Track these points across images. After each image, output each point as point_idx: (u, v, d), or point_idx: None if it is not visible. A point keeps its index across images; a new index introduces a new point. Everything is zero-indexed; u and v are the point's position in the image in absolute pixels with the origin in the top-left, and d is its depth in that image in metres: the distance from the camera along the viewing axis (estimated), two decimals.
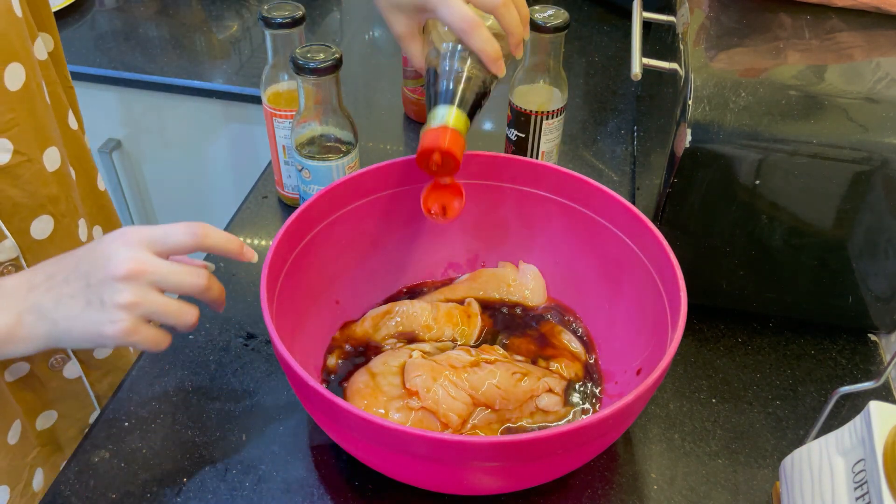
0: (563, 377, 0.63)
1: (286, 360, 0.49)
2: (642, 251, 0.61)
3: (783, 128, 0.59)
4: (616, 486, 0.59)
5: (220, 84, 1.14)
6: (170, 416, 0.63)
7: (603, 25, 1.22)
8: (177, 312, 0.51)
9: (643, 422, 0.64)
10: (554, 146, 0.81)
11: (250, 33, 1.26)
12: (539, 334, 0.67)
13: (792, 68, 0.64)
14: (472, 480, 0.52)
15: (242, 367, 0.67)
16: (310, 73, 0.67)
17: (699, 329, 0.72)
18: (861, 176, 0.59)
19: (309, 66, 0.67)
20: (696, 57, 0.64)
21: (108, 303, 0.49)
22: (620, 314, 0.65)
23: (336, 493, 0.58)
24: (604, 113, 1.02)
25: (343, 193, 0.64)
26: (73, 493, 0.57)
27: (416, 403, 0.57)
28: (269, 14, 0.72)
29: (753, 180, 0.61)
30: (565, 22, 0.72)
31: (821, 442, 0.51)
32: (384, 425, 0.46)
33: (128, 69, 1.16)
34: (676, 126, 0.61)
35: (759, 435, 0.63)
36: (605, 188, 0.63)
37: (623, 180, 0.90)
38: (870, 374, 0.69)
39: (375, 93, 1.06)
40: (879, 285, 0.66)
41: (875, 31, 0.68)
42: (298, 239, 0.61)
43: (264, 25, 0.72)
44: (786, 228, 0.63)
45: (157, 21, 1.29)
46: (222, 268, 0.77)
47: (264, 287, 0.54)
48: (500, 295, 0.71)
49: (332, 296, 0.67)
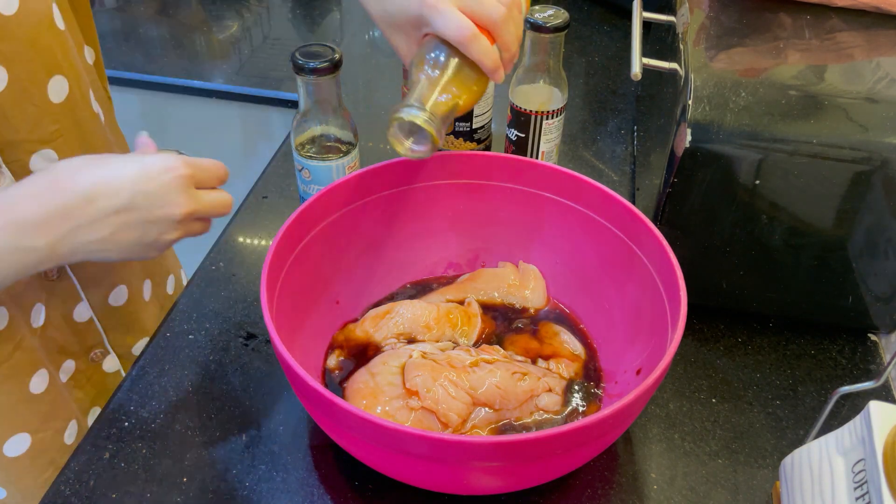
0: (563, 377, 0.63)
1: (286, 360, 0.49)
2: (642, 251, 0.61)
3: (783, 128, 0.59)
4: (616, 486, 0.59)
5: (220, 84, 1.14)
6: (170, 415, 0.63)
7: (603, 25, 1.22)
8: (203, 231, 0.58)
9: (643, 422, 0.64)
10: (554, 146, 0.81)
11: (250, 33, 1.26)
12: (539, 334, 0.67)
13: (792, 68, 0.64)
14: (472, 480, 0.52)
15: (242, 367, 0.67)
16: (310, 73, 0.67)
17: (699, 329, 0.72)
18: (861, 176, 0.59)
19: (309, 66, 0.67)
20: (696, 57, 0.64)
21: (162, 240, 0.55)
22: (620, 314, 0.65)
23: (336, 493, 0.58)
24: (604, 113, 1.02)
25: (343, 193, 0.64)
26: (73, 493, 0.57)
27: (416, 403, 0.57)
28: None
29: (753, 180, 0.61)
30: (565, 22, 0.72)
31: (821, 442, 0.51)
32: (384, 425, 0.46)
33: (128, 69, 1.16)
34: (676, 126, 0.61)
35: (759, 435, 0.63)
36: (605, 188, 0.63)
37: (623, 180, 0.90)
38: (870, 374, 0.69)
39: (375, 93, 1.06)
40: (879, 285, 0.66)
41: (875, 31, 0.68)
42: (298, 239, 0.61)
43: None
44: (786, 228, 0.63)
45: (157, 21, 1.29)
46: (222, 268, 0.77)
47: (264, 287, 0.54)
48: (500, 295, 0.71)
49: (332, 296, 0.67)
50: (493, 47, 0.57)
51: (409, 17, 0.59)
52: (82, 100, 0.64)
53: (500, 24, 0.57)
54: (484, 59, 0.57)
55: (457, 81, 0.58)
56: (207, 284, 0.76)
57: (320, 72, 0.67)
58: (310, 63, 0.67)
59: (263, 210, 0.85)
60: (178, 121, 1.22)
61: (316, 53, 0.68)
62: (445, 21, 0.56)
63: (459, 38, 0.56)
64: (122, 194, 0.52)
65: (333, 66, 0.68)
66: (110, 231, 0.52)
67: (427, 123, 0.55)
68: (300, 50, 0.68)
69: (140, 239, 0.54)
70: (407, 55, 0.62)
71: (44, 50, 0.58)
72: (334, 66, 0.68)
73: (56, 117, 0.61)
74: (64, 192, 0.51)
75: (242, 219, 0.84)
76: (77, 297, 0.69)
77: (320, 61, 0.67)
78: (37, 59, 0.58)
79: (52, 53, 0.59)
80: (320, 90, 0.70)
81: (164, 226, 0.54)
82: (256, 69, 1.16)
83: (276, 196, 0.87)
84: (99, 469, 0.59)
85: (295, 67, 0.68)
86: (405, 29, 0.60)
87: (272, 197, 0.87)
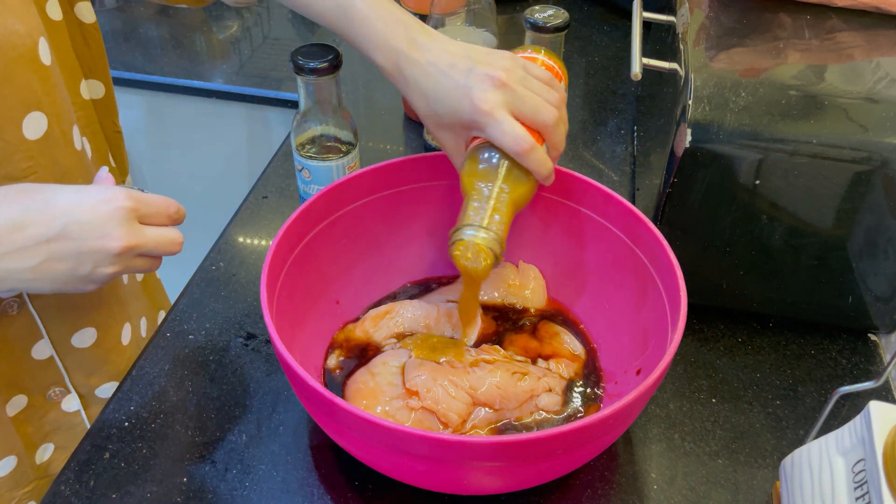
0: (563, 377, 0.63)
1: (286, 360, 0.49)
2: (642, 251, 0.61)
3: (783, 128, 0.59)
4: (616, 486, 0.59)
5: (220, 84, 1.14)
6: (170, 415, 0.63)
7: (603, 25, 1.22)
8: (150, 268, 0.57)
9: (643, 422, 0.64)
10: None
11: (250, 33, 1.26)
12: (539, 334, 0.67)
13: (792, 68, 0.64)
14: (472, 480, 0.52)
15: (242, 367, 0.67)
16: (310, 73, 0.67)
17: (699, 329, 0.72)
18: (861, 176, 0.59)
19: (309, 67, 0.67)
20: (696, 57, 0.64)
21: (97, 273, 0.53)
22: (620, 314, 0.65)
23: (336, 493, 0.58)
24: (604, 113, 1.02)
25: (343, 193, 0.64)
26: (73, 493, 0.57)
27: (416, 403, 0.57)
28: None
29: (753, 180, 0.61)
30: (565, 22, 0.72)
31: (821, 442, 0.51)
32: (384, 425, 0.46)
33: (128, 69, 1.16)
34: (676, 126, 0.61)
35: (759, 435, 0.63)
36: (605, 188, 0.63)
37: (623, 180, 0.90)
38: (870, 374, 0.69)
39: (375, 93, 1.06)
40: (879, 285, 0.66)
41: (875, 31, 0.68)
42: (298, 239, 0.61)
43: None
44: (786, 228, 0.63)
45: (157, 21, 1.29)
46: (222, 267, 0.77)
47: (264, 287, 0.54)
48: (500, 295, 0.71)
49: (332, 296, 0.67)
50: (546, 154, 0.56)
51: (460, 120, 0.56)
52: (63, 137, 0.61)
53: (552, 128, 0.55)
54: (540, 170, 0.55)
55: (511, 191, 0.56)
56: (207, 284, 0.76)
57: (320, 72, 0.67)
58: (310, 63, 0.67)
59: (263, 210, 0.85)
60: (177, 121, 1.22)
61: (316, 53, 0.68)
62: (502, 131, 0.54)
63: (517, 150, 0.54)
64: (53, 223, 0.50)
65: (333, 66, 0.68)
66: (39, 260, 0.51)
67: (490, 243, 0.54)
68: (300, 50, 0.68)
69: (73, 271, 0.52)
70: (454, 153, 0.60)
71: (22, 85, 0.56)
72: (334, 67, 0.68)
73: (30, 154, 0.58)
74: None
75: (242, 219, 0.84)
76: (38, 335, 0.66)
77: (320, 61, 0.67)
78: (13, 94, 0.56)
79: (32, 89, 0.57)
80: (320, 90, 0.70)
81: (100, 258, 0.52)
82: (256, 69, 1.16)
83: (276, 196, 0.87)
84: (99, 469, 0.59)
85: (295, 67, 0.68)
86: (454, 129, 0.58)
87: (272, 197, 0.87)
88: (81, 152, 0.65)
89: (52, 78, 0.60)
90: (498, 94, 0.54)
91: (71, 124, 0.63)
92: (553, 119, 0.55)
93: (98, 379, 0.73)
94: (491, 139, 0.55)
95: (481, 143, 0.57)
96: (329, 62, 0.67)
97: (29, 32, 0.57)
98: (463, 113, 0.55)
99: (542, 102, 0.55)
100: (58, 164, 0.61)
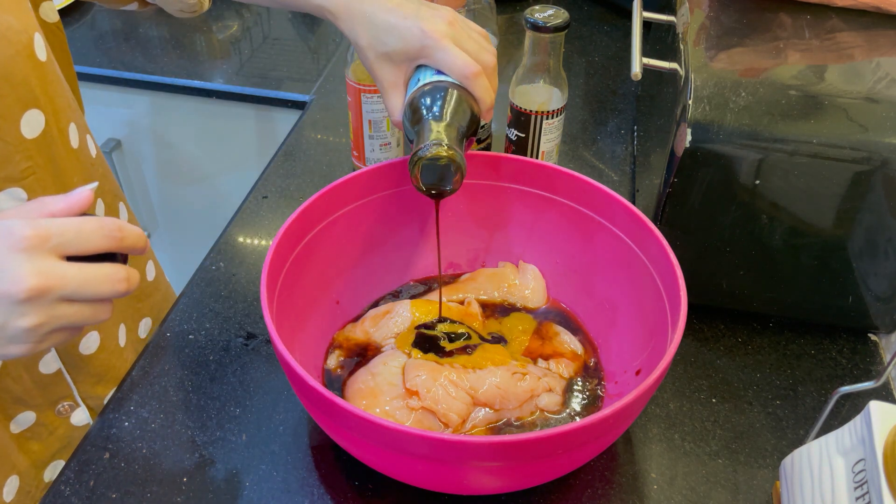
0: (563, 377, 0.63)
1: (286, 360, 0.49)
2: (642, 251, 0.61)
3: (783, 128, 0.59)
4: (616, 486, 0.59)
5: (220, 84, 1.14)
6: (170, 416, 0.63)
7: (603, 25, 1.22)
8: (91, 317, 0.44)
9: (643, 422, 0.64)
10: (554, 146, 0.81)
11: (250, 33, 1.26)
12: (539, 334, 0.67)
13: (792, 68, 0.64)
14: (472, 480, 0.52)
15: (242, 367, 0.67)
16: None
17: (699, 329, 0.72)
18: (861, 176, 0.59)
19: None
20: (696, 57, 0.64)
21: (11, 327, 0.41)
22: (620, 314, 0.65)
23: (336, 493, 0.58)
24: (604, 113, 1.02)
25: (343, 193, 0.64)
26: (73, 493, 0.57)
27: (416, 403, 0.57)
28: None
29: (753, 180, 0.61)
30: (565, 22, 0.72)
31: (821, 442, 0.51)
32: (384, 425, 0.46)
33: (128, 69, 1.16)
34: (676, 126, 0.61)
35: (759, 435, 0.63)
36: (605, 188, 0.63)
37: (623, 180, 0.90)
38: (870, 374, 0.69)
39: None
40: (879, 285, 0.66)
41: (875, 31, 0.68)
42: (298, 239, 0.61)
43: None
44: (786, 228, 0.63)
45: (157, 21, 1.29)
46: (222, 268, 0.77)
47: (264, 287, 0.54)
48: (500, 295, 0.71)
49: (332, 296, 0.67)
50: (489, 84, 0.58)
51: (406, 48, 0.58)
52: (60, 135, 0.60)
53: (491, 69, 0.59)
54: (485, 97, 0.58)
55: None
56: (207, 284, 0.76)
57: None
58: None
59: (263, 210, 0.85)
60: (177, 121, 1.22)
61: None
62: (452, 56, 0.56)
63: (467, 73, 0.56)
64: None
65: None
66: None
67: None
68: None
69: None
70: (391, 88, 0.61)
71: (19, 83, 0.55)
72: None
73: (29, 153, 0.57)
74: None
75: (242, 219, 0.84)
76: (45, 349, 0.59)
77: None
78: (11, 93, 0.55)
79: (29, 86, 0.56)
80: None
81: (6, 308, 0.40)
82: (256, 69, 1.16)
83: (276, 196, 0.87)
84: (99, 469, 0.59)
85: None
86: (397, 60, 0.59)
87: (272, 197, 0.87)
88: (78, 150, 0.64)
89: (49, 74, 0.59)
90: (447, 27, 0.58)
91: (68, 122, 0.62)
92: (493, 62, 0.59)
93: (104, 388, 0.72)
94: (439, 64, 0.58)
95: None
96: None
97: (24, 28, 0.56)
98: (412, 40, 0.58)
99: (484, 45, 0.59)
100: (55, 164, 0.60)
